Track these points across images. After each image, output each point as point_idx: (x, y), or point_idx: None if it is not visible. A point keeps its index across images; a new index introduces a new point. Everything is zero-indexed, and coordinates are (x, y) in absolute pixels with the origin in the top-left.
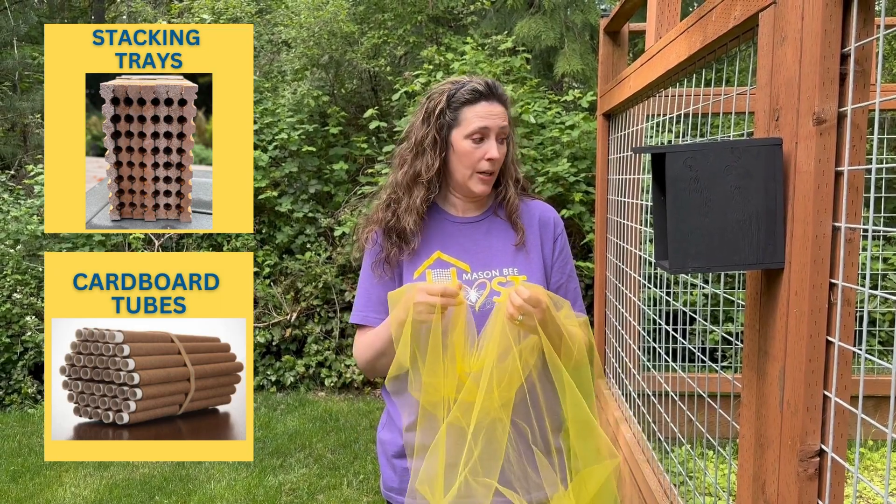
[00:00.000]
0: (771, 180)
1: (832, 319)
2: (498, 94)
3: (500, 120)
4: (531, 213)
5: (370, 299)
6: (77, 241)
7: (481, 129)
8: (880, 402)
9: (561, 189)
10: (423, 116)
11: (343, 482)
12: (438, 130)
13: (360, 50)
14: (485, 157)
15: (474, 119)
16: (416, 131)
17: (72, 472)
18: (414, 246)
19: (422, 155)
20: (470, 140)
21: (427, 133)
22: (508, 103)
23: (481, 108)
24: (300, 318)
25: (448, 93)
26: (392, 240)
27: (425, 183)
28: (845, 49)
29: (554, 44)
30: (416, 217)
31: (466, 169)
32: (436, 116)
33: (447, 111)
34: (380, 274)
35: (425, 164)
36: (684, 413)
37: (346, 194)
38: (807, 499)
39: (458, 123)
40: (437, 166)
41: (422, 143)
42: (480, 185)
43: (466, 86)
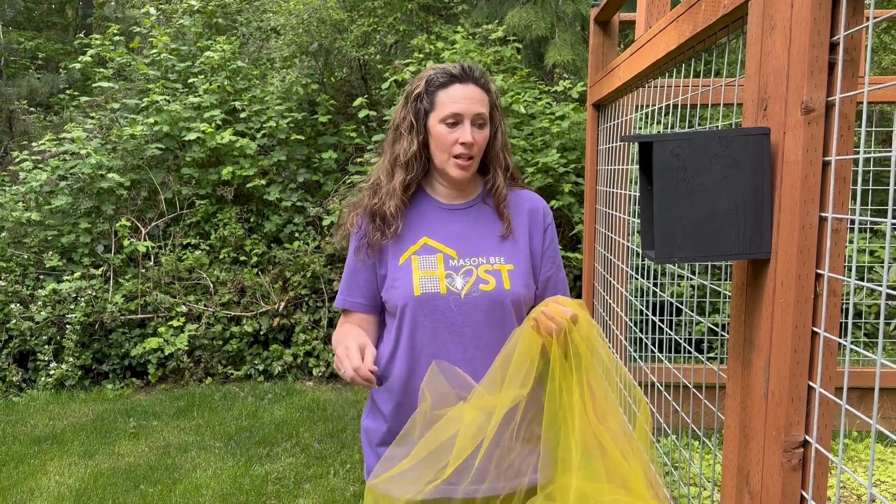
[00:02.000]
0: (758, 170)
1: (818, 310)
2: (474, 76)
3: (475, 104)
4: (520, 203)
5: (353, 284)
6: (63, 229)
7: (454, 113)
8: (865, 393)
9: (550, 180)
10: (402, 101)
11: (330, 471)
12: (416, 114)
13: (349, 38)
14: (458, 142)
15: (448, 103)
16: (396, 116)
17: (56, 460)
18: (396, 229)
19: (399, 139)
20: (444, 124)
21: (405, 117)
22: (490, 87)
23: (454, 90)
24: (288, 308)
25: (427, 77)
26: (375, 223)
27: (403, 165)
28: (834, 38)
29: (545, 34)
30: (397, 201)
31: (443, 153)
32: (413, 100)
33: (424, 96)
34: (363, 258)
35: (402, 147)
36: (670, 404)
37: (335, 183)
38: (790, 490)
39: (433, 108)
40: (413, 149)
41: (398, 128)
42: (457, 169)
43: (444, 70)
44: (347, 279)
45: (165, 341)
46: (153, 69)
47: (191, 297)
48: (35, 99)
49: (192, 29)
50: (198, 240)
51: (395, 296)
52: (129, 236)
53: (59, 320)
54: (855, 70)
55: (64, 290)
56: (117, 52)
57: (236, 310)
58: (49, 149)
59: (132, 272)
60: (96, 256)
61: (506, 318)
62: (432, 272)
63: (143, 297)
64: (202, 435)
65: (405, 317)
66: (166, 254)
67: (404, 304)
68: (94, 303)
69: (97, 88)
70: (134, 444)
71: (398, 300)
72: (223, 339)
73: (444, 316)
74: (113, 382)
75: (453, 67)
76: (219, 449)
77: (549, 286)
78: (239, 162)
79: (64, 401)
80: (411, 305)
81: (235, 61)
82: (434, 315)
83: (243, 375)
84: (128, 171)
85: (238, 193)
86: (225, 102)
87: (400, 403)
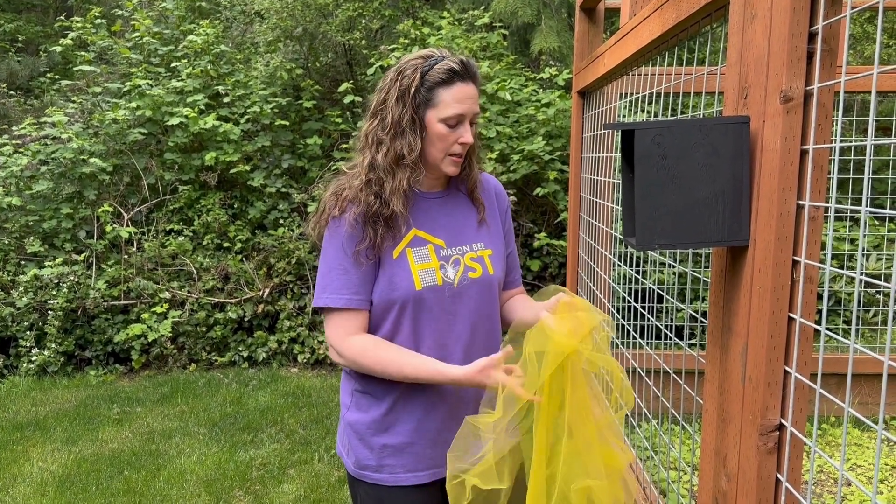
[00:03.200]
0: (738, 158)
1: (794, 296)
2: (472, 73)
3: (474, 104)
4: (487, 187)
5: (351, 281)
6: (44, 214)
7: (459, 115)
8: (843, 379)
9: (536, 167)
10: (397, 95)
11: (314, 457)
12: (415, 110)
13: (334, 22)
14: (458, 142)
15: (451, 103)
16: (392, 110)
17: (39, 446)
18: (402, 228)
19: (401, 136)
20: (444, 124)
21: (404, 113)
22: (480, 82)
23: (458, 90)
24: (273, 294)
25: (421, 69)
26: (378, 226)
27: (410, 165)
28: (813, 28)
29: (531, 20)
30: (403, 199)
31: (440, 152)
32: (411, 95)
33: (421, 90)
34: (362, 261)
35: (407, 145)
36: (651, 389)
37: (320, 169)
38: (766, 472)
39: (433, 105)
40: (419, 147)
41: (400, 124)
42: (453, 167)
43: (440, 63)
44: (344, 278)
45: (149, 328)
46: (135, 53)
47: (174, 283)
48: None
49: (174, 12)
50: (181, 226)
51: (395, 292)
52: (112, 222)
53: (41, 306)
54: (833, 60)
55: (46, 276)
56: (99, 35)
57: (220, 296)
58: (30, 133)
59: (115, 258)
60: (78, 242)
61: (493, 299)
62: (428, 264)
63: (126, 283)
64: (186, 421)
65: (406, 310)
66: (149, 240)
67: (406, 299)
68: (77, 289)
69: (78, 72)
70: (117, 431)
71: (399, 296)
72: (207, 326)
73: (441, 306)
74: (96, 369)
75: (454, 62)
76: (203, 435)
77: (511, 263)
78: (222, 147)
79: (46, 387)
80: (412, 300)
81: (219, 45)
82: (433, 306)
83: (227, 362)
84: (110, 155)
85: (222, 179)
86: (208, 87)
87: (399, 395)
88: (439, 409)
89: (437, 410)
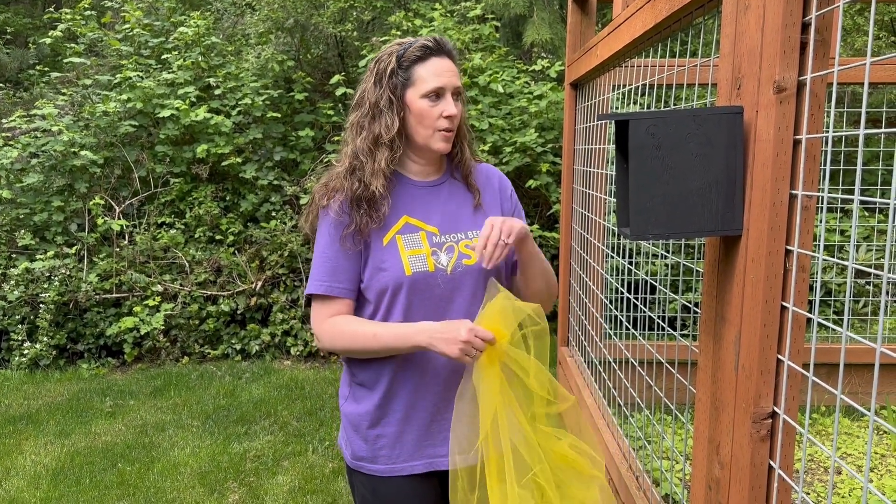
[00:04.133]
0: (731, 148)
1: (787, 285)
2: (447, 49)
3: (454, 77)
4: (487, 176)
5: (336, 269)
6: (35, 207)
7: (437, 88)
8: (834, 369)
9: (528, 159)
10: (374, 80)
11: (308, 449)
12: (392, 91)
13: (326, 14)
14: (443, 115)
15: (429, 77)
16: (370, 95)
17: (32, 440)
18: (385, 211)
19: (379, 117)
20: (427, 99)
21: (381, 94)
22: (457, 59)
23: (433, 64)
24: (265, 287)
25: (396, 53)
26: (362, 209)
27: (387, 143)
28: (806, 18)
29: (523, 12)
30: (383, 180)
31: (426, 129)
32: (388, 77)
33: (399, 71)
34: (348, 247)
35: (384, 125)
36: (644, 379)
37: (312, 162)
38: (759, 459)
39: (411, 83)
40: (396, 125)
41: (377, 105)
42: (442, 142)
43: (415, 44)
44: (327, 265)
45: (141, 321)
46: (126, 45)
47: (166, 276)
48: (4, 75)
49: (165, 4)
50: (173, 218)
51: (385, 278)
52: (103, 215)
53: (33, 299)
54: (826, 50)
55: (37, 269)
56: (88, 27)
57: (213, 289)
58: (19, 125)
59: (106, 251)
60: (70, 235)
61: None
62: (419, 251)
63: (117, 276)
64: (179, 414)
65: (397, 297)
66: (141, 233)
67: (396, 286)
68: (68, 282)
69: (68, 64)
70: (111, 424)
71: (389, 281)
72: (200, 319)
73: (434, 293)
74: (88, 362)
75: (426, 40)
76: (196, 427)
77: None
78: (214, 140)
79: (38, 380)
80: (403, 286)
81: (210, 37)
82: (425, 293)
83: (220, 355)
84: (101, 148)
85: (213, 172)
86: (199, 79)
87: (390, 383)
88: (427, 398)
89: (426, 400)
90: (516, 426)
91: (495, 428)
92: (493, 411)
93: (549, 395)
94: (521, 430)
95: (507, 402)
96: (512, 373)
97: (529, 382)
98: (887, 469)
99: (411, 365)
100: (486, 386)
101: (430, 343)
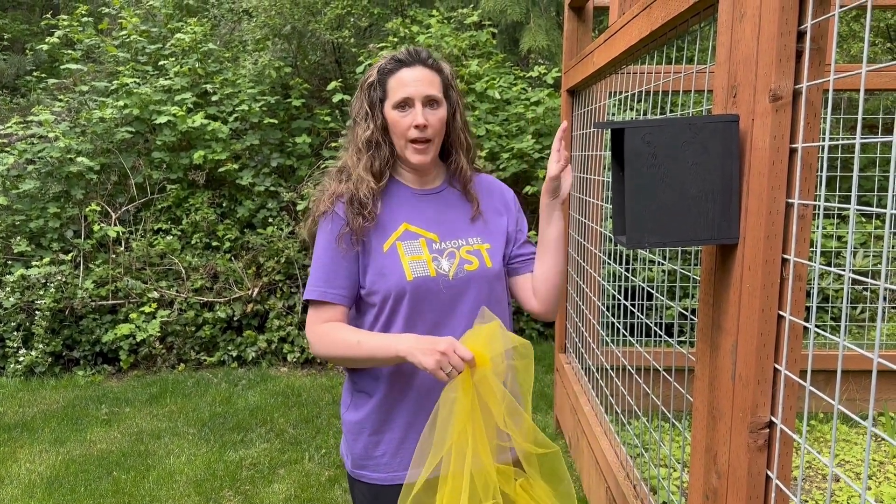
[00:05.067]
0: (727, 156)
1: (784, 294)
2: (420, 58)
3: (423, 86)
4: (487, 187)
5: (331, 275)
6: (31, 213)
7: (403, 98)
8: (831, 376)
9: (525, 165)
10: (358, 91)
11: (305, 456)
12: (370, 102)
13: (323, 20)
14: (412, 125)
15: (397, 88)
16: (354, 105)
17: (26, 448)
18: (373, 211)
19: (357, 125)
20: (396, 110)
21: (360, 105)
22: (440, 66)
23: (402, 74)
24: (262, 294)
25: (378, 66)
26: (354, 209)
27: (364, 148)
28: (802, 26)
29: (520, 19)
30: (366, 185)
31: (400, 139)
32: (366, 88)
33: (377, 84)
34: (345, 248)
35: (360, 133)
36: (641, 386)
37: (309, 168)
38: (756, 469)
39: (386, 96)
40: (369, 132)
41: (356, 116)
42: (415, 154)
43: (393, 56)
44: (324, 270)
45: (137, 327)
46: (123, 51)
47: (162, 282)
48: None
49: (162, 10)
50: (169, 225)
51: (386, 284)
52: (100, 221)
53: (29, 306)
54: (822, 58)
55: (33, 276)
56: (86, 33)
57: (209, 295)
58: (16, 132)
59: (103, 257)
60: (66, 241)
61: (494, 294)
62: (419, 256)
63: (113, 282)
64: (175, 421)
65: (400, 303)
66: (137, 239)
67: (398, 291)
68: (64, 288)
69: (65, 70)
70: (106, 431)
71: (391, 287)
72: (196, 325)
73: (437, 298)
74: (84, 369)
75: (400, 53)
76: (192, 435)
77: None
78: (211, 146)
79: (34, 388)
80: (405, 291)
81: (207, 43)
82: (427, 298)
83: (217, 362)
84: (97, 154)
85: (210, 178)
86: (196, 85)
87: (390, 391)
88: (428, 407)
89: (426, 409)
90: (478, 456)
91: (460, 449)
92: (462, 429)
93: (530, 440)
94: (480, 460)
95: (475, 427)
96: (485, 403)
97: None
98: (885, 476)
99: (411, 373)
100: (458, 407)
101: (410, 352)
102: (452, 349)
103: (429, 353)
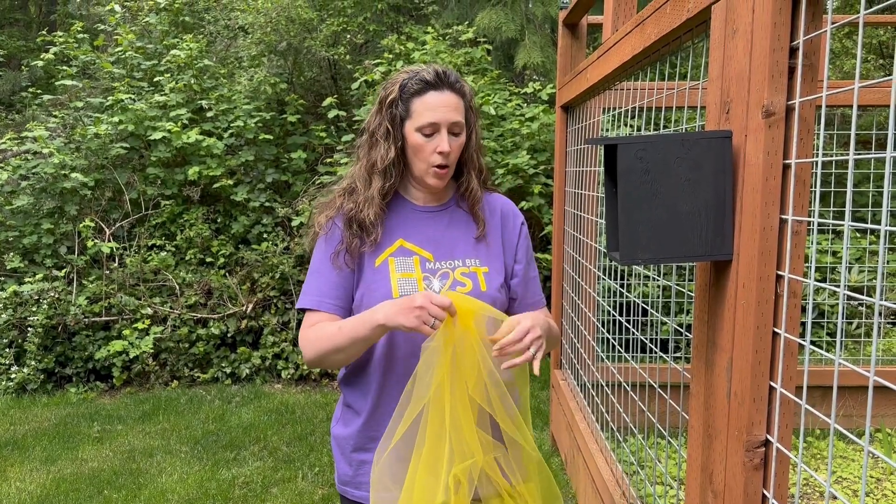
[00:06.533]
0: (720, 173)
1: (778, 311)
2: (449, 82)
3: (451, 112)
4: (492, 206)
5: (325, 286)
6: (24, 229)
7: (431, 123)
8: (827, 392)
9: (520, 181)
10: (377, 107)
11: (298, 475)
12: (391, 121)
13: (318, 37)
14: (436, 151)
15: (424, 112)
16: (371, 122)
17: (17, 466)
18: (375, 238)
19: (376, 145)
20: (420, 133)
21: (380, 123)
22: (465, 90)
23: (430, 99)
24: (256, 310)
25: (401, 83)
26: (353, 230)
27: (380, 172)
28: (794, 43)
29: (514, 35)
30: (376, 209)
31: (421, 163)
32: (387, 106)
33: (399, 102)
34: (339, 265)
35: (380, 154)
36: (636, 403)
37: (305, 184)
38: (752, 488)
39: (409, 115)
40: (391, 156)
41: (374, 134)
42: (434, 179)
43: (417, 75)
44: (318, 279)
45: (130, 344)
46: (118, 67)
47: (156, 298)
48: None
49: (158, 27)
50: (163, 241)
51: (372, 299)
52: (93, 237)
53: (21, 323)
54: (814, 74)
55: (26, 292)
56: (81, 49)
57: (203, 312)
58: (10, 148)
59: (96, 274)
60: (59, 258)
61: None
62: (410, 274)
63: (107, 299)
64: (168, 439)
65: None
66: (131, 255)
67: None
68: (57, 305)
69: (60, 86)
70: (98, 449)
71: (376, 303)
72: (189, 342)
73: None
74: (76, 386)
75: (427, 73)
76: (185, 453)
77: (529, 287)
78: (206, 162)
79: (25, 405)
80: None
81: (202, 60)
82: None
83: (210, 378)
84: (92, 170)
85: (205, 194)
86: (191, 101)
87: (375, 405)
88: None
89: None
90: (456, 411)
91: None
92: (440, 382)
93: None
94: (458, 416)
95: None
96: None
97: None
98: (883, 493)
99: (396, 390)
100: (439, 358)
101: (388, 318)
102: (429, 300)
103: (407, 312)
